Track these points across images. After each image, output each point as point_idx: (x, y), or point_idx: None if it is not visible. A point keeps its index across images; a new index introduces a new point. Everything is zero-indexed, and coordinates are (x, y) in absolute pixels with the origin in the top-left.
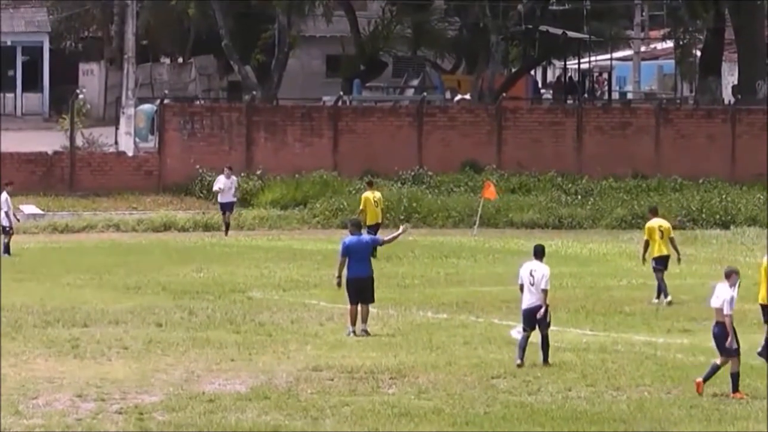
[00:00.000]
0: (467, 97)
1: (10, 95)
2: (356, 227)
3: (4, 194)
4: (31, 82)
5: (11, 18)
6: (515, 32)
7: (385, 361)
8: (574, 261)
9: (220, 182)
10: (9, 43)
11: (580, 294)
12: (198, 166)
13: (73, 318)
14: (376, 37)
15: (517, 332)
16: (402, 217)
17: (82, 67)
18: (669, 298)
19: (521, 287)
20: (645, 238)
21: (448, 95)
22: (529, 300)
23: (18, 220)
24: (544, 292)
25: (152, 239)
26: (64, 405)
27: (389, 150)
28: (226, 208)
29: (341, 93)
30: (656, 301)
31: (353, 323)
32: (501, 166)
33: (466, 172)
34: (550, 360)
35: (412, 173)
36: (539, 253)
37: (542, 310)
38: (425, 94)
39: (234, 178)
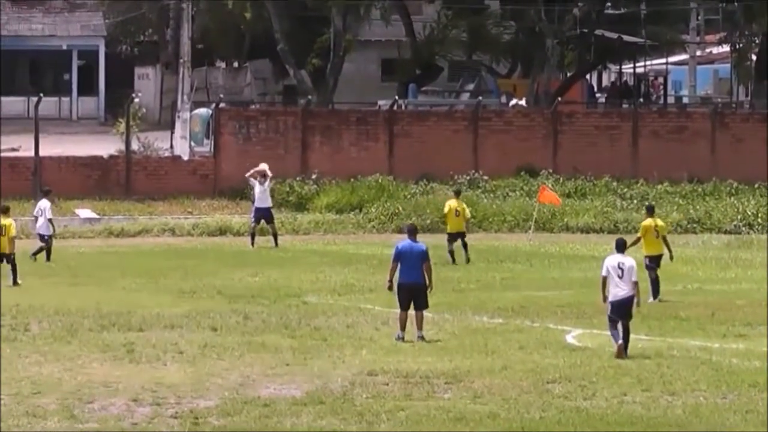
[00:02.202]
0: (523, 101)
1: (66, 99)
2: (411, 233)
3: (47, 201)
4: (87, 86)
5: (67, 22)
6: (571, 36)
7: (441, 365)
8: None
9: (255, 189)
10: (65, 47)
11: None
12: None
13: (129, 322)
14: (431, 41)
15: (572, 337)
16: None
17: (138, 71)
18: (659, 297)
19: (604, 280)
20: (639, 235)
21: (503, 99)
22: (619, 290)
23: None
24: (635, 283)
25: (207, 243)
26: (119, 409)
27: (445, 154)
28: (260, 214)
29: (397, 97)
30: (653, 301)
31: (402, 328)
32: (557, 171)
33: (521, 176)
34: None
35: (468, 177)
36: (622, 246)
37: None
38: (481, 98)
39: (267, 183)
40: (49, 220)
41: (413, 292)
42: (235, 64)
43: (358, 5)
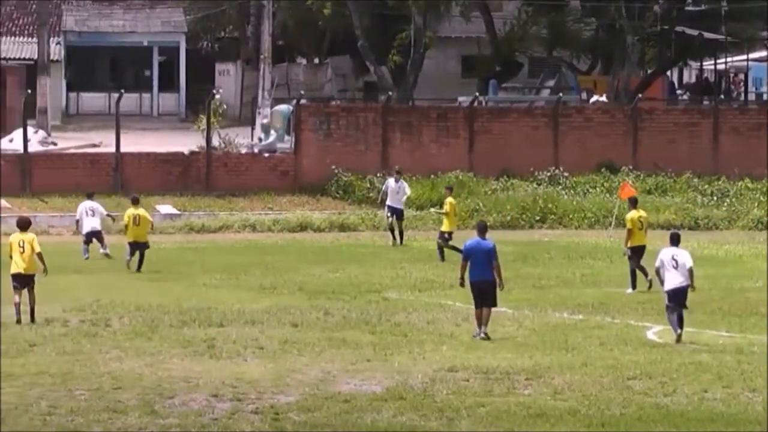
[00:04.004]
0: (603, 98)
1: (146, 95)
2: (481, 231)
3: (94, 202)
4: (168, 83)
5: (147, 18)
6: (651, 33)
7: (521, 361)
8: (710, 262)
9: (388, 185)
10: (146, 44)
11: (716, 296)
12: (334, 167)
13: (209, 318)
14: (511, 37)
15: (652, 333)
16: (538, 218)
17: (219, 67)
18: (648, 283)
19: (657, 270)
20: (628, 227)
21: (583, 96)
22: (675, 280)
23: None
24: (691, 271)
25: (288, 239)
26: (199, 405)
27: (525, 151)
28: (393, 212)
29: (477, 93)
30: (631, 291)
31: (479, 326)
32: (637, 167)
33: (602, 173)
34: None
35: (548, 174)
36: (677, 239)
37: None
38: (561, 94)
39: (403, 182)
40: (109, 215)
41: (482, 289)
42: (316, 61)
43: (438, 2)
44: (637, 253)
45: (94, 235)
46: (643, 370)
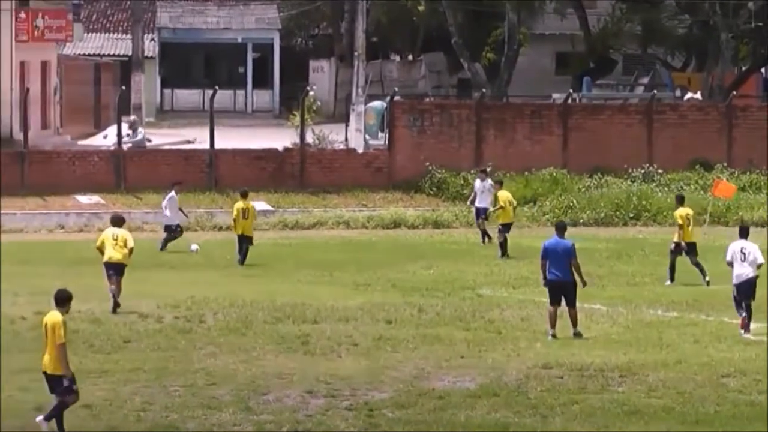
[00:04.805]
0: (697, 95)
1: (240, 92)
2: (559, 230)
3: (172, 193)
4: (262, 79)
5: (242, 15)
6: (745, 30)
7: (615, 359)
8: None
9: (475, 186)
10: (240, 40)
11: None
12: (428, 163)
13: (303, 314)
14: (606, 34)
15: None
16: (632, 215)
17: (313, 64)
18: (671, 282)
19: (729, 264)
20: (680, 223)
21: (677, 93)
22: (742, 272)
23: (187, 217)
24: (760, 266)
25: (382, 236)
26: (294, 401)
27: (619, 148)
28: (479, 213)
29: (571, 90)
30: (668, 283)
31: (552, 326)
32: (731, 164)
33: (696, 170)
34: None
35: (642, 171)
36: (746, 231)
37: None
38: (655, 91)
39: (489, 181)
40: (180, 210)
41: (561, 289)
42: (410, 57)
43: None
44: (688, 249)
45: (167, 229)
46: (737, 368)
